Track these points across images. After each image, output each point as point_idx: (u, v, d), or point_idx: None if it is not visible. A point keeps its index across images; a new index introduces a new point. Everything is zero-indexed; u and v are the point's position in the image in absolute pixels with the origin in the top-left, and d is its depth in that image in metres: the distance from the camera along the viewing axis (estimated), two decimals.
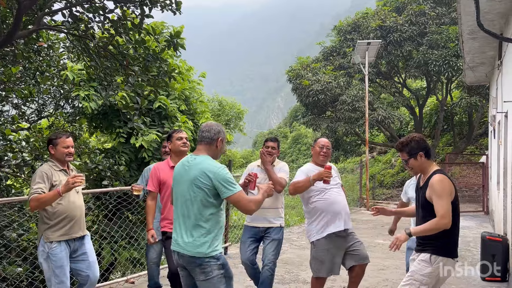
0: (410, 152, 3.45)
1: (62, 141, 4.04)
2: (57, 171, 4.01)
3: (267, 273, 4.81)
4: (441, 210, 3.23)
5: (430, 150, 3.49)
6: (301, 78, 18.29)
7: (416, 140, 3.45)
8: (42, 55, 7.25)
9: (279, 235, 4.92)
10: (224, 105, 24.10)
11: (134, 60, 5.84)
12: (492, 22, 6.79)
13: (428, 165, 3.44)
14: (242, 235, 5.05)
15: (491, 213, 10.33)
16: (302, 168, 4.72)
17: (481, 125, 19.06)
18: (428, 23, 16.57)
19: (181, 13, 5.56)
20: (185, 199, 3.17)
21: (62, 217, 3.96)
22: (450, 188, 3.29)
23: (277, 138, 5.20)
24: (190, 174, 3.15)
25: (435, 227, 3.25)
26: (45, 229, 3.92)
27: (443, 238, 3.31)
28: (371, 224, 10.91)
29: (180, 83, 8.87)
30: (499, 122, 8.10)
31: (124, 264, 8.01)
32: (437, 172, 3.36)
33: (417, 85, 22.82)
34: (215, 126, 3.28)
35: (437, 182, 3.29)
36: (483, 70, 10.03)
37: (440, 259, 3.30)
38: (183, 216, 3.18)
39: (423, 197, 3.37)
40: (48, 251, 3.89)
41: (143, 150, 7.83)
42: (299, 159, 31.08)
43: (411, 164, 3.47)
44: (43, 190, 3.80)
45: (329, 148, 4.68)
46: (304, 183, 4.43)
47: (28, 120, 7.99)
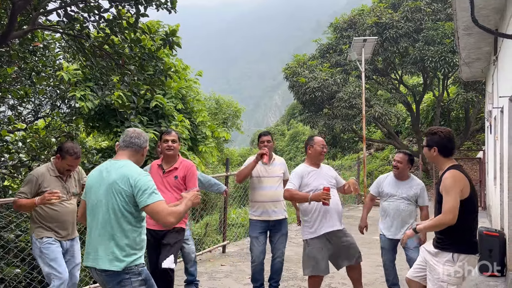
0: (428, 141, 3.52)
1: (70, 160, 4.07)
2: (53, 176, 4.07)
3: (279, 265, 5.09)
4: (446, 206, 3.24)
5: (449, 149, 3.45)
6: (297, 75, 18.28)
7: (439, 135, 3.47)
8: (38, 55, 7.23)
9: (286, 228, 5.15)
10: (221, 104, 24.05)
11: (130, 59, 5.83)
12: (487, 18, 6.80)
13: (443, 162, 3.46)
14: (252, 230, 5.06)
15: (488, 208, 10.36)
16: (297, 170, 4.62)
17: (477, 121, 19.10)
18: (424, 19, 16.57)
19: (176, 11, 5.56)
20: (102, 207, 2.86)
21: (53, 222, 4.04)
22: (462, 184, 3.27)
23: (269, 132, 5.33)
24: (109, 179, 2.87)
25: (439, 223, 3.27)
26: (36, 227, 4.00)
27: (461, 234, 3.31)
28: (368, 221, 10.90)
29: (177, 82, 8.87)
30: (495, 117, 8.12)
31: None
32: (451, 168, 3.37)
33: (413, 81, 22.84)
34: (144, 134, 3.14)
35: (447, 178, 3.31)
36: (479, 65, 10.04)
37: (463, 257, 3.30)
38: (99, 227, 2.87)
39: (438, 193, 3.40)
40: (40, 247, 3.95)
41: None
42: (297, 156, 31.10)
43: (424, 152, 3.60)
44: (26, 195, 3.90)
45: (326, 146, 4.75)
46: (302, 198, 4.42)
47: (25, 120, 7.97)
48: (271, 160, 5.09)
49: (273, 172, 5.06)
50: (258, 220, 5.02)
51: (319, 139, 4.70)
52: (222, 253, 7.62)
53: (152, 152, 7.91)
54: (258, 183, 5.02)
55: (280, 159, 5.27)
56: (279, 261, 5.05)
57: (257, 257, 4.99)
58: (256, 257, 4.99)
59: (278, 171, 5.12)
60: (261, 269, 5.06)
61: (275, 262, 5.08)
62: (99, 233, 2.86)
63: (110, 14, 5.52)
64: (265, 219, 5.00)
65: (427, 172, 18.04)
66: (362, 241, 8.54)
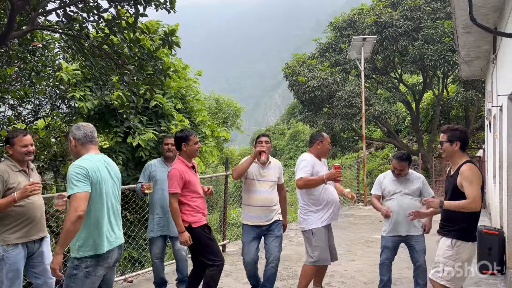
0: (451, 137, 3.80)
1: (19, 140, 3.76)
2: (16, 171, 3.77)
3: (272, 270, 4.87)
4: (472, 194, 3.56)
5: (467, 144, 3.83)
6: (297, 75, 18.29)
7: (460, 131, 3.82)
8: (37, 55, 7.23)
9: (281, 231, 5.00)
10: (221, 103, 24.08)
11: (129, 59, 5.84)
12: (486, 16, 6.81)
13: (460, 156, 3.79)
14: (244, 235, 4.93)
15: (488, 207, 10.37)
16: (307, 159, 4.76)
17: (477, 119, 19.11)
18: (423, 18, 16.58)
19: (175, 11, 5.57)
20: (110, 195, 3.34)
21: (21, 219, 3.74)
22: (479, 176, 3.63)
23: (267, 134, 5.26)
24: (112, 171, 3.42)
25: (466, 207, 3.59)
26: (2, 232, 3.69)
27: (465, 222, 3.67)
28: (368, 220, 10.94)
29: (176, 82, 8.86)
30: (495, 116, 8.13)
31: (122, 263, 8.02)
32: (468, 162, 3.71)
33: (413, 80, 22.84)
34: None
35: (468, 170, 3.64)
36: (478, 64, 10.05)
37: (460, 243, 3.67)
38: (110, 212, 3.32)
39: (453, 184, 3.71)
40: (4, 254, 3.66)
41: (140, 149, 7.83)
42: (297, 155, 31.06)
43: (444, 147, 3.84)
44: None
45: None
46: (318, 181, 4.63)
47: (24, 120, 7.97)
48: (267, 164, 4.94)
49: (268, 176, 4.92)
50: (251, 226, 4.88)
51: (327, 136, 4.93)
52: (222, 252, 7.63)
53: (152, 152, 7.92)
54: (252, 186, 4.88)
55: (276, 162, 5.09)
56: (272, 267, 4.84)
57: (249, 263, 4.89)
58: (247, 263, 4.90)
59: (273, 175, 4.96)
60: (255, 274, 4.98)
61: (269, 268, 4.86)
62: (114, 216, 3.36)
63: (109, 14, 5.53)
64: (258, 224, 4.86)
65: (427, 171, 18.05)
66: (365, 240, 8.57)
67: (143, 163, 8.01)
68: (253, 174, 4.89)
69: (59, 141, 7.25)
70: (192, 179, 4.37)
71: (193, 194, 4.37)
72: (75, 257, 3.13)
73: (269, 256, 4.87)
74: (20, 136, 3.79)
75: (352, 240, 8.56)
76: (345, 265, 6.66)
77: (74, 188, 3.05)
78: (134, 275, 6.22)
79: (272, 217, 4.89)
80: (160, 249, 5.26)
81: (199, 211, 4.37)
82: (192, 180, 4.38)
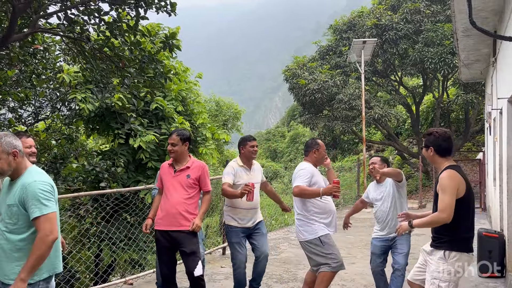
0: (426, 142, 3.63)
1: (23, 141, 3.65)
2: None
3: (263, 266, 5.07)
4: (441, 205, 3.30)
5: (445, 149, 3.53)
6: (297, 77, 18.30)
7: (434, 135, 3.57)
8: (38, 58, 7.26)
9: (265, 229, 5.22)
10: (221, 105, 24.08)
11: (130, 62, 5.86)
12: (485, 20, 6.82)
13: (441, 162, 3.54)
14: (233, 236, 4.97)
15: (488, 210, 10.37)
16: (307, 167, 4.62)
17: (477, 122, 19.10)
18: (424, 21, 16.59)
19: (176, 14, 5.59)
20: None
21: None
22: (457, 184, 3.33)
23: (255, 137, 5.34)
24: None
25: (435, 220, 3.35)
26: None
27: (456, 233, 3.37)
28: (369, 222, 10.94)
29: (177, 84, 8.89)
30: (495, 118, 8.14)
31: (122, 266, 8.02)
32: (448, 168, 3.43)
33: (413, 83, 22.85)
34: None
35: (443, 177, 3.37)
36: (478, 67, 10.06)
37: (454, 254, 3.36)
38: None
39: (435, 193, 3.48)
40: None
41: (141, 151, 7.84)
42: (297, 158, 31.05)
43: (423, 152, 3.69)
44: None
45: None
46: (313, 193, 4.43)
47: (25, 123, 7.99)
48: (251, 166, 5.10)
49: (255, 178, 5.03)
50: (238, 227, 4.96)
51: (323, 143, 4.83)
52: (222, 255, 7.63)
53: (153, 155, 7.93)
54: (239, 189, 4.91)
55: (257, 165, 5.24)
56: (263, 263, 5.03)
57: (241, 262, 4.93)
58: (240, 262, 4.93)
59: (258, 176, 5.13)
60: (244, 273, 5.03)
61: (260, 264, 5.00)
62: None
63: (110, 17, 5.55)
64: (244, 225, 4.96)
65: (427, 174, 18.04)
66: (365, 242, 8.56)
67: (144, 165, 8.03)
68: (243, 179, 4.95)
69: (59, 143, 7.26)
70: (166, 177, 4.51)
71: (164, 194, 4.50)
72: (29, 283, 2.69)
73: (260, 253, 4.99)
74: (24, 137, 3.77)
75: (352, 243, 8.55)
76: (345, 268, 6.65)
77: (44, 208, 2.70)
78: (134, 278, 6.22)
79: (257, 218, 5.05)
80: None
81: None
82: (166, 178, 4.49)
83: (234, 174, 4.93)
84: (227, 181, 4.85)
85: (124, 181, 7.82)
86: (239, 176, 4.92)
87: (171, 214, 4.29)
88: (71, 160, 7.58)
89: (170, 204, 4.31)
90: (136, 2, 5.28)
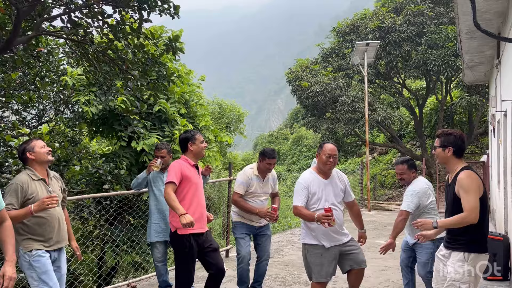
0: (444, 142, 3.53)
1: (38, 143, 3.84)
2: (36, 180, 3.75)
3: (265, 267, 5.20)
4: (468, 205, 3.28)
5: (462, 150, 3.54)
6: (300, 80, 18.31)
7: (454, 135, 3.52)
8: (42, 61, 7.27)
9: (270, 230, 5.29)
10: (224, 108, 24.12)
11: (133, 65, 5.86)
12: (490, 22, 6.81)
13: (456, 163, 3.51)
14: (238, 231, 5.13)
15: (492, 212, 10.32)
16: (303, 179, 4.22)
17: (481, 124, 19.05)
18: (427, 23, 16.57)
19: (179, 17, 5.58)
20: None
21: (41, 230, 3.73)
22: (478, 184, 3.33)
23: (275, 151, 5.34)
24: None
25: (462, 221, 3.30)
26: (22, 239, 3.69)
27: (473, 234, 3.34)
28: (372, 225, 10.90)
29: (180, 87, 8.89)
30: (499, 121, 8.11)
31: (126, 268, 8.02)
32: (465, 169, 3.42)
33: (416, 85, 22.82)
34: None
35: (464, 177, 3.35)
36: (482, 69, 10.04)
37: (473, 256, 3.33)
38: None
39: (452, 193, 3.43)
40: (30, 260, 3.66)
41: (144, 154, 7.84)
42: (300, 160, 31.06)
43: (437, 152, 3.58)
44: (14, 207, 3.56)
45: (336, 156, 4.15)
46: (308, 218, 4.07)
47: (29, 125, 8.01)
48: (266, 176, 5.16)
49: (266, 188, 5.19)
50: (244, 223, 5.11)
51: (329, 146, 4.17)
52: (225, 257, 7.62)
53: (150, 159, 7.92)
54: (249, 197, 5.09)
55: (272, 173, 5.30)
56: (265, 263, 5.14)
57: (244, 257, 5.03)
58: (243, 257, 5.03)
59: (270, 187, 5.24)
60: (248, 270, 5.13)
61: (262, 264, 5.14)
62: None
63: (113, 20, 5.56)
64: (252, 224, 5.12)
65: (431, 176, 17.99)
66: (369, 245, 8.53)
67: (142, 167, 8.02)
68: (254, 188, 5.08)
69: (63, 146, 7.27)
70: (193, 177, 4.25)
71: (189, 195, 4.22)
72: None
73: (262, 254, 5.14)
74: (35, 140, 3.89)
75: None
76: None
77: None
78: (137, 280, 6.22)
79: (263, 220, 5.10)
80: (161, 253, 5.28)
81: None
82: (193, 178, 4.25)
83: (248, 183, 5.04)
84: (239, 192, 5.01)
85: (127, 184, 7.83)
86: (251, 184, 5.06)
87: (203, 215, 4.35)
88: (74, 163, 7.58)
89: (202, 205, 4.35)
90: (140, 5, 5.28)
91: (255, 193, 5.08)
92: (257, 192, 5.08)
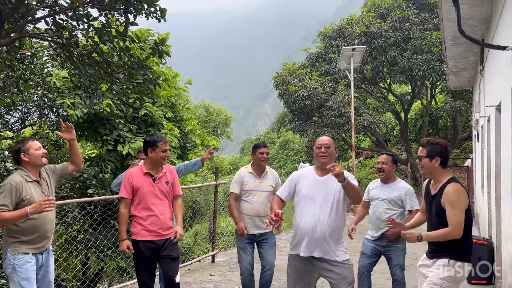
0: (431, 152, 3.43)
1: (33, 144, 3.79)
2: (29, 182, 3.71)
3: (269, 277, 4.94)
4: (454, 221, 3.24)
5: (447, 160, 3.46)
6: (287, 84, 18.37)
7: (441, 145, 3.44)
8: (25, 63, 7.17)
9: (274, 239, 5.02)
10: (211, 112, 24.04)
11: (119, 68, 5.81)
12: (474, 28, 6.90)
13: (441, 173, 3.43)
14: (239, 241, 4.94)
15: (476, 217, 10.44)
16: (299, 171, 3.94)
17: (465, 129, 19.31)
18: (412, 29, 16.78)
19: (165, 20, 5.55)
20: None
21: (32, 232, 3.69)
22: (465, 199, 3.29)
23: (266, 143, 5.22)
24: None
25: (446, 236, 3.28)
26: (12, 242, 3.66)
27: (460, 245, 3.33)
28: (358, 229, 10.92)
29: (166, 90, 8.84)
30: (482, 126, 8.21)
31: (110, 274, 7.91)
32: (452, 181, 3.36)
33: (402, 90, 23.05)
34: None
35: (452, 192, 3.28)
36: (466, 75, 10.17)
37: (459, 264, 3.32)
38: None
39: (438, 205, 3.36)
40: (15, 263, 3.62)
41: (130, 157, 7.77)
42: (287, 164, 31.09)
43: (423, 163, 3.45)
44: (8, 208, 3.51)
45: (328, 146, 3.70)
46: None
47: (12, 129, 7.88)
48: (263, 174, 4.99)
49: (264, 186, 4.93)
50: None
51: (322, 138, 3.80)
52: (211, 262, 7.57)
53: None
54: (247, 196, 4.90)
55: (272, 172, 5.12)
56: (269, 273, 4.91)
57: (246, 269, 4.87)
58: (244, 268, 4.87)
59: (269, 185, 4.97)
60: (251, 280, 4.95)
61: (265, 274, 4.92)
62: None
63: (99, 22, 5.50)
64: (252, 233, 4.87)
65: (416, 180, 18.16)
66: (355, 249, 8.54)
67: None
68: (248, 185, 4.91)
69: (46, 150, 7.16)
70: (141, 187, 4.15)
71: (141, 205, 4.16)
72: None
73: (265, 264, 4.91)
74: (31, 141, 3.84)
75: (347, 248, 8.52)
76: None
77: None
78: (122, 286, 6.13)
79: (263, 227, 4.80)
80: None
81: (141, 223, 4.15)
82: (142, 187, 4.16)
83: (241, 181, 4.92)
84: (234, 192, 4.91)
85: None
86: (245, 182, 4.91)
87: (159, 223, 4.20)
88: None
89: (156, 213, 4.20)
90: (126, 8, 5.24)
91: (251, 191, 4.89)
92: (253, 190, 4.89)
